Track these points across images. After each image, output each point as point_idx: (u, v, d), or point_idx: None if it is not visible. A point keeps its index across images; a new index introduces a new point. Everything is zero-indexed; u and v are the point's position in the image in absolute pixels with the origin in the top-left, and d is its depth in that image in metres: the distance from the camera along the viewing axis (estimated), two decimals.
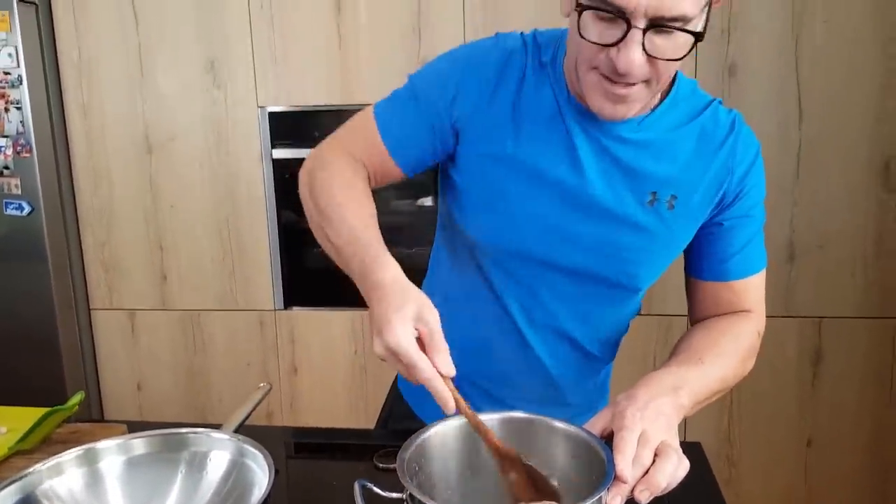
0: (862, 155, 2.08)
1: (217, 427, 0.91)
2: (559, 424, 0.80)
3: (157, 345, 2.55)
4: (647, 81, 0.81)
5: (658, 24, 0.74)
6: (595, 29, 0.77)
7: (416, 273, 0.89)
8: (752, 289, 0.97)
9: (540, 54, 0.92)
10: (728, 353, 0.91)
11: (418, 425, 0.80)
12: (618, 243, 0.93)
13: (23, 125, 2.28)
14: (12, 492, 0.78)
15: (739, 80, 2.08)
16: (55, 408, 1.05)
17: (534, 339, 1.01)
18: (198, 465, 0.87)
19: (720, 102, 0.95)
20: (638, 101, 0.83)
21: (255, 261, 2.45)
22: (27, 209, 2.32)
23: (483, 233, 0.97)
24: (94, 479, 0.84)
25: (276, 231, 2.43)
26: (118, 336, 2.57)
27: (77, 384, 2.50)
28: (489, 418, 0.81)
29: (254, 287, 2.46)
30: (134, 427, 1.10)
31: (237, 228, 2.43)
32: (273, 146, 2.36)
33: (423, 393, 0.73)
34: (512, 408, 0.83)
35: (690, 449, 0.96)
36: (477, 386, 1.06)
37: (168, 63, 2.36)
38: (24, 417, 1.11)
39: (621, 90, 0.81)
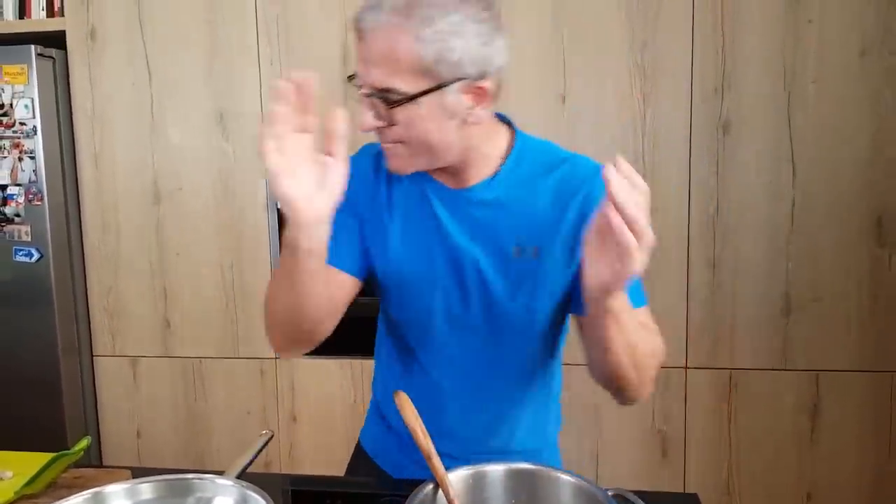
0: (854, 210, 2.12)
1: (220, 473, 0.93)
2: (562, 475, 0.83)
3: (158, 392, 2.56)
4: (402, 142, 0.92)
5: (373, 95, 0.88)
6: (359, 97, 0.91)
7: None
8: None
9: None
10: (647, 328, 0.96)
11: (383, 476, 0.84)
12: (497, 296, 1.00)
13: (35, 174, 2.34)
14: None
15: (733, 137, 2.15)
16: (62, 452, 1.07)
17: (468, 392, 1.08)
18: None
19: (583, 158, 1.03)
20: (401, 157, 0.94)
21: (257, 309, 2.47)
22: (36, 256, 2.37)
23: (394, 309, 1.10)
24: None
25: None
26: (120, 382, 2.58)
27: (78, 429, 2.50)
28: (494, 469, 0.83)
29: (255, 335, 2.48)
30: (137, 473, 1.12)
31: (240, 277, 2.47)
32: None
33: (383, 446, 0.76)
34: (467, 462, 0.87)
35: (688, 501, 0.97)
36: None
37: (178, 115, 2.43)
38: (29, 462, 1.13)
39: (386, 146, 0.94)
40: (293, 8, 2.32)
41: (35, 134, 2.33)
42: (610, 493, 0.77)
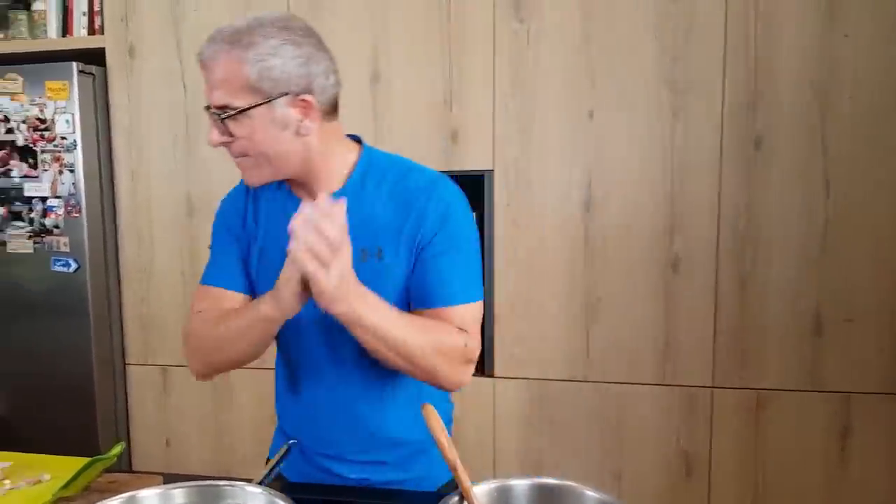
0: (888, 228, 2.09)
1: (248, 481, 0.95)
2: (587, 492, 0.83)
3: (187, 401, 2.60)
4: (247, 155, 1.06)
5: (215, 114, 1.04)
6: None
7: None
8: (459, 316, 1.10)
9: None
10: (426, 328, 1.06)
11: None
12: None
13: (74, 187, 2.41)
14: None
15: (765, 153, 2.13)
16: (97, 457, 1.10)
17: (338, 396, 1.18)
18: None
19: (425, 170, 1.16)
20: (248, 168, 1.08)
21: None
22: (73, 266, 2.43)
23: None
24: None
25: None
26: (150, 391, 2.63)
27: (109, 436, 2.55)
28: (520, 483, 0.84)
29: None
30: (168, 479, 1.15)
31: None
32: None
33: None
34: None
35: None
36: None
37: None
38: (65, 465, 1.16)
39: (235, 161, 1.09)
40: (322, 27, 2.36)
41: (75, 148, 2.40)
42: None
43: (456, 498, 0.82)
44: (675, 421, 2.25)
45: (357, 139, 1.19)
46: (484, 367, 2.37)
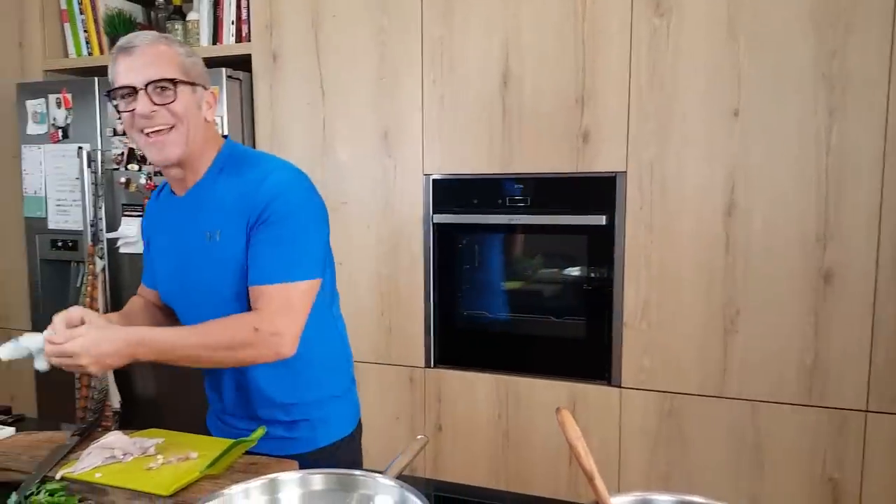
0: None
1: (377, 473, 0.97)
2: None
3: None
4: (173, 127, 1.25)
5: (151, 84, 1.22)
6: (124, 105, 1.25)
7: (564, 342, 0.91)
8: (264, 295, 1.25)
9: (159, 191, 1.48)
10: (205, 332, 1.24)
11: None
12: (202, 275, 1.33)
13: None
14: None
15: None
16: (241, 439, 1.16)
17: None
18: None
19: (271, 163, 1.33)
20: (164, 142, 1.26)
21: (410, 319, 2.56)
22: None
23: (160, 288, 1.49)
24: None
25: (433, 292, 2.53)
26: None
27: None
28: (662, 499, 0.80)
29: (407, 344, 2.56)
30: (303, 464, 1.19)
31: (396, 287, 2.56)
32: (434, 211, 2.49)
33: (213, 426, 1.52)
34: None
35: None
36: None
37: (347, 133, 2.58)
38: (211, 445, 1.23)
39: (159, 137, 1.25)
40: (457, 29, 2.39)
41: None
42: None
43: None
44: (822, 445, 2.08)
45: (225, 137, 1.41)
46: (610, 377, 2.30)
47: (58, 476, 1.12)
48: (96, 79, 2.74)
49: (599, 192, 2.26)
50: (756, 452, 2.14)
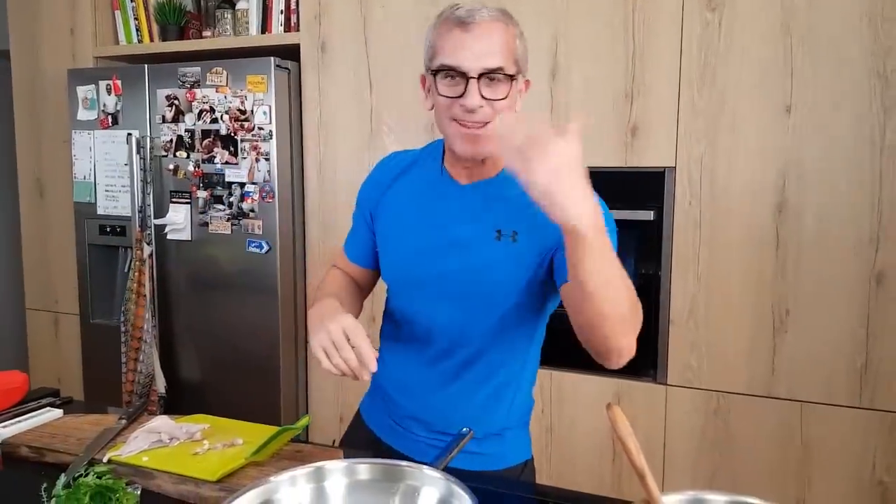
0: None
1: (425, 464, 0.96)
2: None
3: (362, 382, 2.71)
4: (489, 122, 1.10)
5: (485, 74, 1.08)
6: (446, 88, 1.11)
7: None
8: None
9: (422, 154, 1.30)
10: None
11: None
12: (474, 267, 1.18)
13: (269, 175, 2.59)
14: (254, 496, 0.88)
15: None
16: (286, 427, 1.17)
17: (445, 369, 1.25)
18: (410, 497, 0.92)
19: None
20: (488, 140, 1.11)
21: None
22: (265, 248, 2.63)
23: (387, 270, 1.31)
24: (320, 496, 0.92)
25: None
26: (328, 370, 2.77)
27: (290, 410, 2.73)
28: (715, 499, 0.78)
29: None
30: (348, 453, 1.19)
31: None
32: None
33: (374, 410, 1.32)
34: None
35: None
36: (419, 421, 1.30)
37: (395, 124, 2.57)
38: (256, 432, 1.24)
39: (476, 131, 1.11)
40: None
41: (271, 138, 2.59)
42: None
43: None
44: (872, 448, 2.02)
45: None
46: (656, 374, 2.26)
47: (105, 459, 1.14)
48: (146, 66, 2.79)
49: (648, 187, 2.22)
50: (804, 454, 2.09)
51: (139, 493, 0.90)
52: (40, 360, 3.30)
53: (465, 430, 1.19)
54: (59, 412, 1.41)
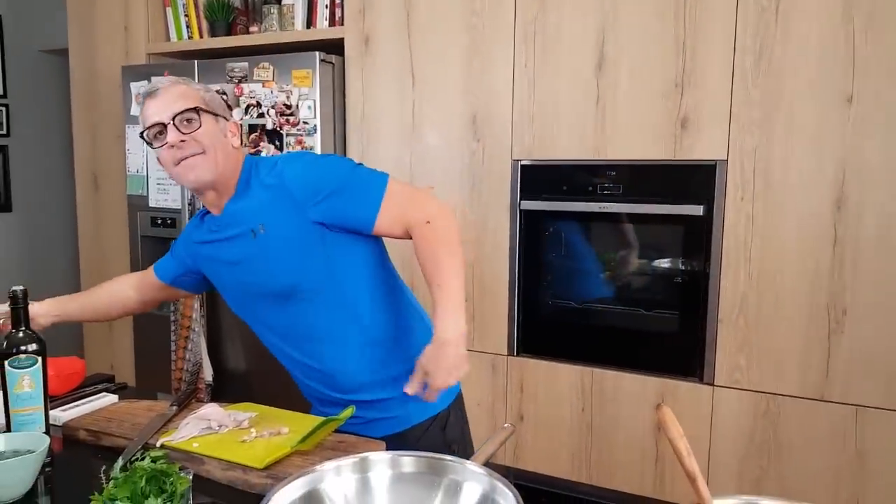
0: None
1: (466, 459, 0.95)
2: None
3: None
4: (204, 152, 1.32)
5: (178, 116, 1.30)
6: (156, 141, 1.34)
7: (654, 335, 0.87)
8: (389, 213, 1.33)
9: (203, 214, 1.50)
10: (445, 254, 1.29)
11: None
12: (253, 264, 1.37)
13: None
14: (301, 484, 0.88)
15: None
16: (331, 417, 1.17)
17: (302, 356, 1.42)
18: (453, 491, 0.91)
19: (275, 158, 1.40)
20: (195, 167, 1.32)
21: (494, 306, 2.54)
22: None
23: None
24: (365, 486, 0.92)
25: (517, 280, 2.50)
26: None
27: None
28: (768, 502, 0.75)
29: (490, 331, 2.54)
30: (390, 445, 1.19)
31: (481, 274, 2.54)
32: (522, 197, 2.45)
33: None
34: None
35: None
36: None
37: (437, 118, 2.57)
38: (301, 422, 1.25)
39: (189, 161, 1.32)
40: (551, 10, 2.34)
41: (315, 132, 2.60)
42: None
43: None
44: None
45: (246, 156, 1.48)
46: (703, 374, 2.21)
47: (158, 444, 1.17)
48: (196, 62, 2.84)
49: (697, 180, 2.17)
50: (858, 462, 2.02)
51: (192, 477, 0.91)
52: (95, 348, 3.40)
53: (507, 425, 1.18)
54: (114, 397, 1.45)
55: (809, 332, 2.05)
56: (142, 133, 1.36)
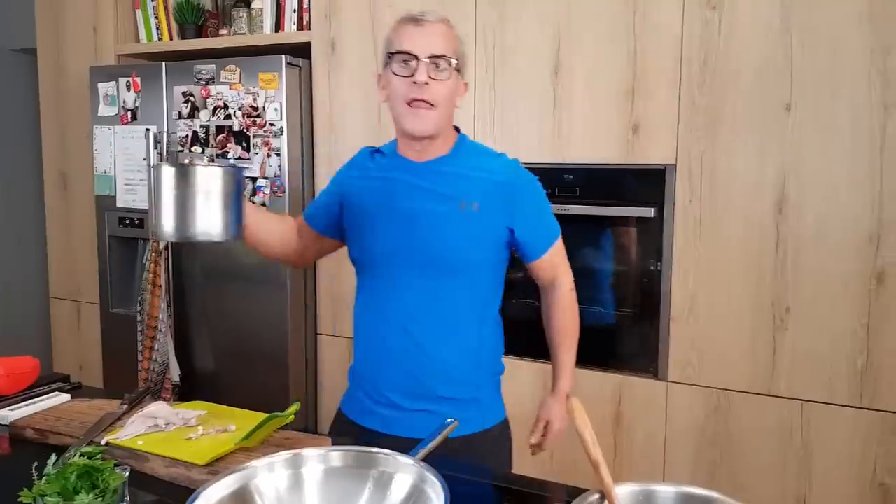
0: None
1: (403, 454, 1.00)
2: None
3: None
4: (435, 106, 1.31)
5: (434, 58, 1.30)
6: (400, 68, 1.31)
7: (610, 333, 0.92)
8: (552, 257, 1.49)
9: (384, 147, 1.49)
10: (570, 331, 1.58)
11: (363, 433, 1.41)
12: (448, 235, 1.35)
13: (280, 169, 2.65)
14: (232, 481, 0.92)
15: None
16: (274, 414, 1.22)
17: (417, 333, 1.38)
18: (384, 483, 0.96)
19: (503, 156, 1.45)
20: (427, 116, 1.31)
21: None
22: None
23: (358, 248, 1.45)
24: (297, 482, 0.97)
25: None
26: (337, 361, 2.84)
27: (299, 399, 2.79)
28: (665, 490, 0.81)
29: None
30: (337, 441, 1.24)
31: None
32: None
33: (352, 399, 1.49)
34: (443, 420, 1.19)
35: None
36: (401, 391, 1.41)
37: None
38: (250, 419, 1.29)
39: (423, 109, 1.31)
40: (510, 19, 2.39)
41: (282, 134, 2.64)
42: None
43: (596, 496, 0.81)
44: (873, 448, 2.02)
45: (456, 128, 1.46)
46: (657, 370, 2.28)
47: (103, 442, 1.20)
48: (164, 64, 2.86)
49: (649, 184, 2.23)
50: (805, 453, 2.10)
51: (127, 474, 0.94)
52: (63, 348, 3.41)
53: (448, 420, 1.23)
54: (66, 396, 1.47)
55: (756, 330, 2.13)
56: (390, 54, 1.33)
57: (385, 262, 1.39)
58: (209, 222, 1.22)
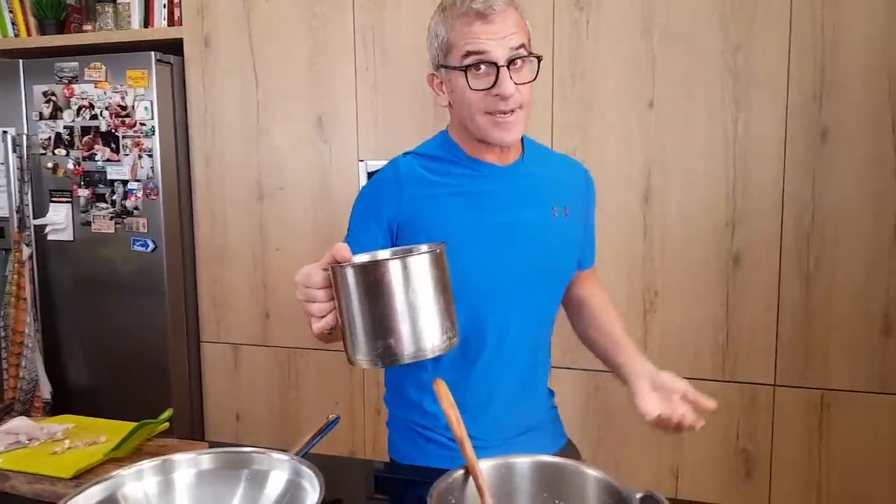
0: None
1: (284, 451, 1.00)
2: (590, 471, 0.84)
3: (257, 377, 2.72)
4: (521, 107, 1.11)
5: (512, 58, 1.08)
6: (476, 81, 1.10)
7: None
8: (593, 275, 1.39)
9: (432, 150, 1.25)
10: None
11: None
12: (544, 244, 1.21)
13: (153, 171, 2.55)
14: (97, 491, 0.89)
15: (831, 146, 2.04)
16: (145, 421, 1.18)
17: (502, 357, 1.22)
18: (258, 482, 0.95)
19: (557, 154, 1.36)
20: (517, 123, 1.12)
21: None
22: (151, 246, 2.58)
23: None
24: (168, 488, 0.94)
25: None
26: (222, 367, 2.76)
27: (182, 409, 2.70)
28: (522, 461, 0.86)
29: None
30: (214, 445, 1.22)
31: None
32: None
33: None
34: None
35: None
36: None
37: (282, 119, 2.58)
38: (122, 430, 1.25)
39: (509, 118, 1.11)
40: (388, 18, 2.41)
41: (153, 134, 2.54)
42: (639, 496, 0.78)
43: (461, 472, 0.84)
44: (735, 419, 2.19)
45: None
46: None
47: None
48: (21, 61, 2.68)
49: None
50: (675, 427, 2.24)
51: None
52: None
53: (331, 416, 1.23)
54: None
55: (628, 314, 2.25)
56: (451, 66, 1.11)
57: (486, 278, 1.16)
58: (439, 326, 0.83)
